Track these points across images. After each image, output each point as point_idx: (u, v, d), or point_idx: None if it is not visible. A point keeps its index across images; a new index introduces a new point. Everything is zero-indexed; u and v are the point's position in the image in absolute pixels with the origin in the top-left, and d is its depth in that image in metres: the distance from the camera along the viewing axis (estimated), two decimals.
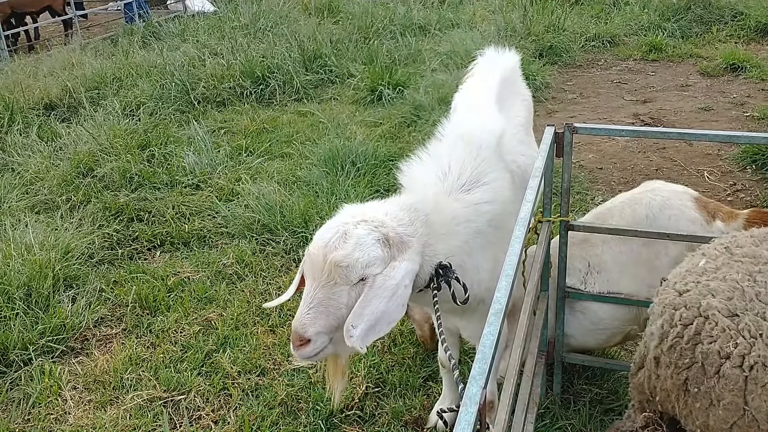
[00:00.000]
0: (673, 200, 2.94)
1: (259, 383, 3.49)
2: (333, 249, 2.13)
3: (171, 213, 5.09)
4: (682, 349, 1.77)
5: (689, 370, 1.76)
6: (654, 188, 3.06)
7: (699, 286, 1.82)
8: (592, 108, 7.17)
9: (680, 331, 1.78)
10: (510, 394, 1.88)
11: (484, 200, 2.52)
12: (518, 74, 3.50)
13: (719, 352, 1.70)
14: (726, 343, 1.69)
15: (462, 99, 3.27)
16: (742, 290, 1.76)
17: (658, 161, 5.74)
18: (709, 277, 1.84)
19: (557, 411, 3.14)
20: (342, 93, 7.73)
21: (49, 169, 5.75)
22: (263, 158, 6.00)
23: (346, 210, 2.31)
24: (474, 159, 2.58)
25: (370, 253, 2.13)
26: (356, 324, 2.07)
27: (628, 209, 2.98)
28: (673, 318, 1.82)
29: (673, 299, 1.86)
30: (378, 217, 2.24)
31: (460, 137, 2.67)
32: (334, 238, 2.15)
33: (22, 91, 7.27)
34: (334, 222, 2.23)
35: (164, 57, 8.32)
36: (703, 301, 1.78)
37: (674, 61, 8.50)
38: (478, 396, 1.35)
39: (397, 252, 2.20)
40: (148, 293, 4.18)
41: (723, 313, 1.73)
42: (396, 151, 5.83)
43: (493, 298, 1.67)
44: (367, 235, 2.15)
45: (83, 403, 3.44)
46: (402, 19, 9.72)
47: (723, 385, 1.68)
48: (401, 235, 2.22)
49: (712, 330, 1.72)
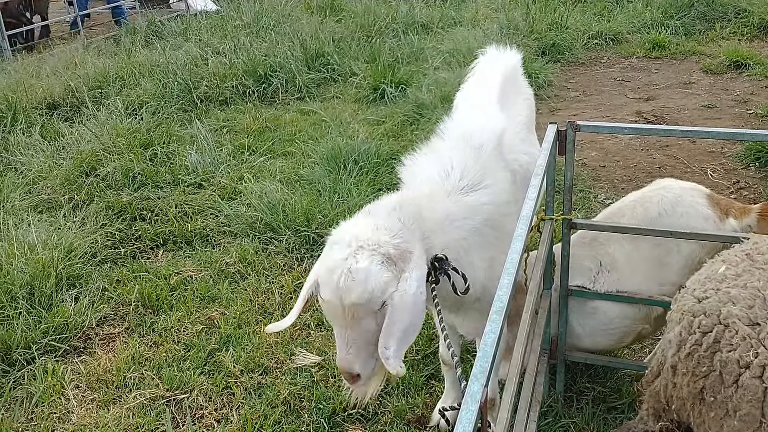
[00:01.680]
0: (686, 197, 2.93)
1: (262, 382, 3.49)
2: (346, 291, 2.12)
3: (174, 212, 5.10)
4: (700, 357, 1.74)
5: (706, 379, 1.73)
6: (665, 186, 3.05)
7: (719, 294, 1.79)
8: (595, 106, 7.16)
9: (699, 339, 1.75)
10: (512, 392, 1.88)
11: (481, 202, 2.52)
12: (520, 73, 3.49)
13: (739, 362, 1.66)
14: (746, 352, 1.65)
15: (463, 98, 3.27)
16: (764, 298, 1.72)
17: (661, 159, 5.73)
18: (729, 285, 1.81)
19: (560, 409, 3.13)
20: (344, 91, 7.72)
21: (52, 168, 5.76)
22: (266, 157, 6.00)
23: (335, 240, 2.26)
24: (476, 161, 2.58)
25: (382, 280, 2.13)
26: (388, 345, 2.10)
27: (640, 207, 2.97)
28: (692, 325, 1.79)
29: (692, 306, 1.83)
30: (371, 237, 2.20)
31: (461, 137, 2.67)
32: (342, 279, 2.13)
33: (25, 90, 7.27)
34: (331, 261, 2.18)
35: (167, 56, 8.31)
36: (723, 308, 1.74)
37: (677, 59, 8.48)
38: (479, 394, 1.35)
39: (403, 263, 2.19)
40: (150, 292, 4.18)
41: (743, 322, 1.69)
42: (398, 150, 5.82)
43: (495, 296, 1.66)
44: (370, 263, 2.13)
45: (86, 402, 3.44)
46: (404, 18, 9.71)
47: (741, 395, 1.65)
48: (400, 247, 2.21)
49: (732, 338, 1.69)
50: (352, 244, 2.19)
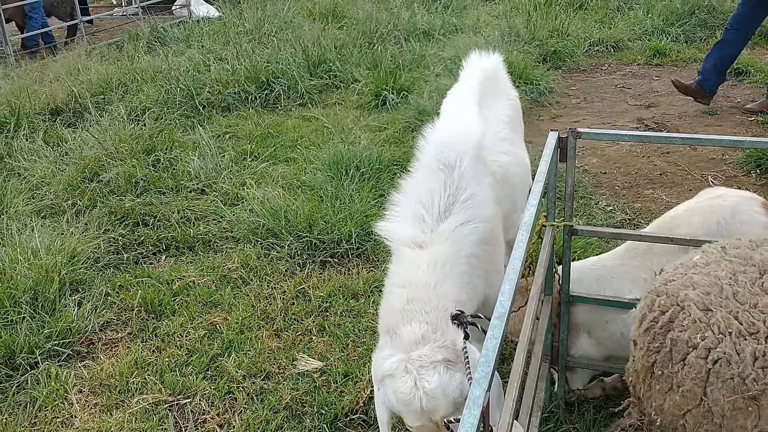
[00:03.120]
0: (744, 206, 2.89)
1: (264, 387, 3.50)
2: (433, 411, 2.16)
3: (176, 217, 5.12)
4: (655, 334, 1.86)
5: (658, 354, 1.84)
6: (721, 194, 3.01)
7: (684, 278, 1.90)
8: (596, 112, 7.18)
9: (657, 317, 1.87)
10: (513, 398, 1.89)
11: (461, 221, 2.55)
12: (502, 74, 3.54)
13: (687, 342, 1.77)
14: (695, 334, 1.76)
15: (446, 105, 3.31)
16: (721, 287, 1.82)
17: (662, 165, 5.75)
18: (696, 271, 1.92)
19: (561, 415, 3.14)
20: (346, 98, 7.75)
21: (55, 173, 5.78)
22: (268, 163, 6.02)
23: (387, 372, 2.26)
24: (451, 178, 2.60)
25: (455, 384, 2.19)
26: (495, 420, 2.10)
27: (698, 217, 2.91)
28: (654, 303, 1.90)
29: (658, 287, 1.95)
30: (420, 354, 2.23)
31: (435, 156, 2.68)
32: (424, 404, 2.16)
33: (28, 96, 7.30)
34: (402, 395, 2.20)
35: (169, 62, 8.35)
36: (682, 291, 1.85)
37: (678, 66, 8.51)
38: (481, 399, 1.36)
39: (456, 354, 2.24)
40: (153, 297, 4.20)
41: (698, 306, 1.80)
42: (400, 156, 5.84)
43: (497, 302, 1.68)
44: (439, 378, 2.18)
45: (89, 407, 3.45)
46: (406, 25, 9.74)
47: (686, 372, 1.76)
48: (445, 344, 2.25)
49: (685, 320, 1.80)
50: (411, 370, 2.22)
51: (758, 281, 1.82)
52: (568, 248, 2.91)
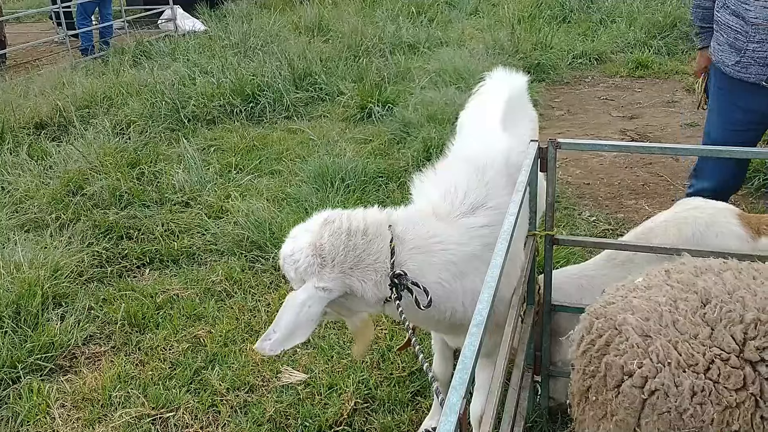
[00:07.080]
0: (719, 217, 2.91)
1: (248, 400, 3.49)
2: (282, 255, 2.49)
3: (160, 230, 5.10)
4: (591, 357, 1.80)
5: (593, 378, 1.78)
6: (697, 206, 3.03)
7: (624, 301, 1.84)
8: (580, 124, 7.24)
9: (593, 339, 1.81)
10: (494, 406, 1.90)
11: (480, 224, 2.55)
12: (526, 95, 3.54)
13: (623, 368, 1.70)
14: (632, 360, 1.70)
15: (468, 118, 3.31)
16: (661, 314, 1.75)
17: (644, 176, 5.80)
18: (636, 295, 1.85)
19: (545, 425, 3.15)
20: (332, 110, 7.77)
21: (38, 187, 5.75)
22: (253, 175, 6.02)
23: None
24: (479, 181, 2.62)
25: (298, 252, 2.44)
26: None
27: (673, 228, 2.93)
28: (592, 326, 1.84)
29: (597, 309, 1.89)
30: (318, 231, 2.43)
31: (466, 158, 2.71)
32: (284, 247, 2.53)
33: (12, 110, 7.27)
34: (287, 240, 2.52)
35: (155, 76, 8.34)
36: (620, 315, 1.79)
37: (660, 78, 8.60)
38: (458, 405, 1.37)
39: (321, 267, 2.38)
40: (137, 311, 4.18)
41: (636, 332, 1.73)
42: (385, 168, 5.86)
43: (475, 310, 1.69)
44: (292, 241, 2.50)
45: (71, 421, 3.43)
46: (391, 38, 9.79)
47: (620, 401, 1.69)
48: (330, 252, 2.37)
49: (621, 344, 1.73)
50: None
51: (699, 311, 1.75)
52: (550, 257, 2.92)
